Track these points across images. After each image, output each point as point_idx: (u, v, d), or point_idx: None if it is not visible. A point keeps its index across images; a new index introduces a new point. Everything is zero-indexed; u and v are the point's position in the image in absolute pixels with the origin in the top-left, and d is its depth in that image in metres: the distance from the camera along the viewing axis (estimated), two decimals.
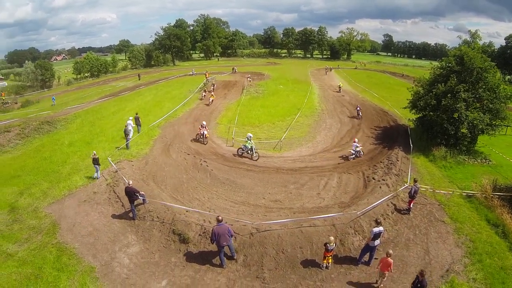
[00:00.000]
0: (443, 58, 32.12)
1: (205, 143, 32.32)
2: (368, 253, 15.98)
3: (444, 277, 15.13)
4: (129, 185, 19.01)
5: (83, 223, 19.11)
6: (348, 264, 16.13)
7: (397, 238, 17.93)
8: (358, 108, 43.30)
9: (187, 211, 19.38)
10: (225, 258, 16.00)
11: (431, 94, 30.03)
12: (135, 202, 19.35)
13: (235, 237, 16.94)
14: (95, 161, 23.80)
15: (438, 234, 18.18)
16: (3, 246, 17.16)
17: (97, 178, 24.14)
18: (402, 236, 18.09)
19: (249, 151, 29.10)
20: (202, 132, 32.46)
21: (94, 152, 24.25)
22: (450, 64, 30.00)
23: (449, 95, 28.14)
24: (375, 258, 16.09)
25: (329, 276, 15.42)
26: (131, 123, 31.80)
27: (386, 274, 14.53)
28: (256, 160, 28.54)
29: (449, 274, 15.20)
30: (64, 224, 18.95)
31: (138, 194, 19.17)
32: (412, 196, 19.71)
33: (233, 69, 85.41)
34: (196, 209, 19.79)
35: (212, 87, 57.04)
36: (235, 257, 16.24)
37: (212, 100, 49.27)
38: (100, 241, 17.62)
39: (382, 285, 14.79)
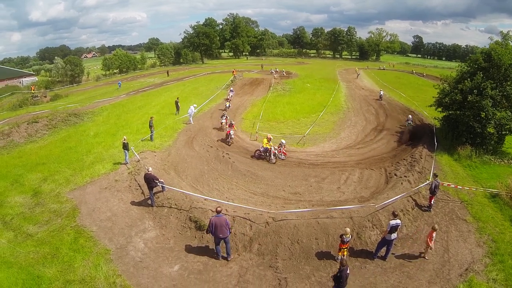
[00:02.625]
0: (470, 55, 31.23)
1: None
2: (385, 248, 15.66)
3: (463, 276, 14.66)
4: (149, 171, 19.28)
5: (103, 208, 19.54)
6: (364, 258, 15.86)
7: (416, 235, 17.51)
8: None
9: (205, 200, 19.52)
10: (221, 250, 15.75)
11: (456, 90, 29.24)
12: (154, 190, 19.62)
13: (251, 226, 17.02)
14: (125, 146, 24.43)
15: (459, 233, 17.64)
16: (24, 227, 17.82)
17: (127, 163, 24.79)
18: (421, 233, 17.60)
19: None
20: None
21: (125, 137, 24.96)
22: (477, 61, 29.07)
23: (475, 91, 27.28)
24: (392, 253, 15.82)
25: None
26: (193, 108, 37.16)
27: (431, 246, 15.27)
28: None
29: (468, 273, 14.71)
30: (84, 209, 19.43)
31: (157, 181, 19.38)
32: (432, 191, 19.20)
33: (262, 66, 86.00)
34: (214, 198, 19.91)
35: (224, 117, 36.13)
36: (229, 259, 15.75)
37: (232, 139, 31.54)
38: (117, 226, 17.97)
39: (427, 257, 15.81)
